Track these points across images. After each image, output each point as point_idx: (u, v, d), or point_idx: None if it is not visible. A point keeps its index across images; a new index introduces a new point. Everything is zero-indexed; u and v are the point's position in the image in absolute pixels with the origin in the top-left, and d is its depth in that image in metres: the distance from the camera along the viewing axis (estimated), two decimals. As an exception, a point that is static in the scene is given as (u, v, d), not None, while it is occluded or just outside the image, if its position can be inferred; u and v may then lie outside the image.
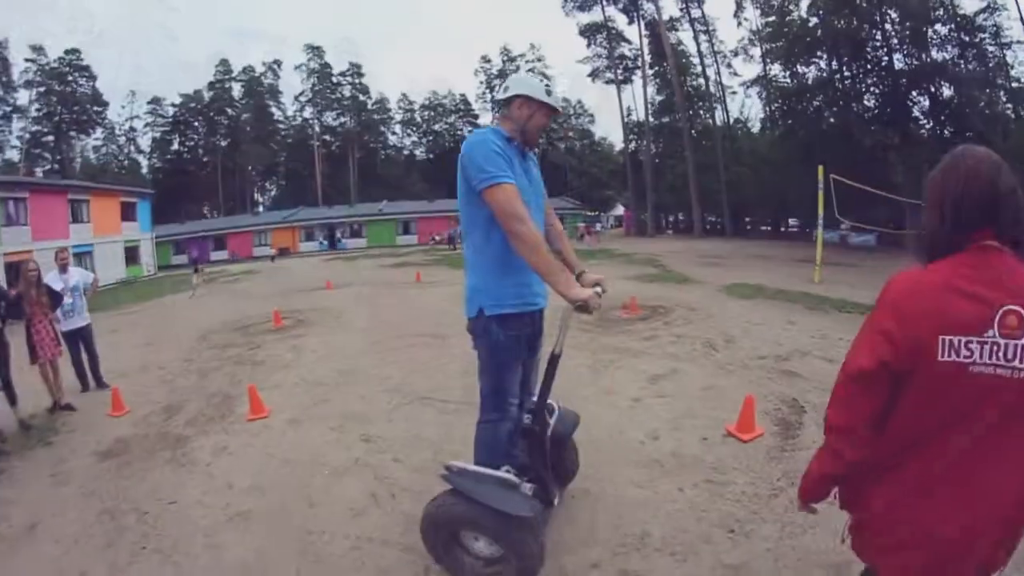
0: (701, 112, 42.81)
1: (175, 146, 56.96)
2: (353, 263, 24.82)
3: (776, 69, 34.82)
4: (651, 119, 42.94)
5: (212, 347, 7.55)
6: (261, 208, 59.35)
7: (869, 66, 29.50)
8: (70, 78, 49.65)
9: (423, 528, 2.36)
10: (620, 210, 57.93)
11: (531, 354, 2.46)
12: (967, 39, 26.16)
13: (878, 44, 28.06)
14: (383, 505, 3.04)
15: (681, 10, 41.36)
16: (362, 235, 43.99)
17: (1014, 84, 28.64)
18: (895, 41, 27.50)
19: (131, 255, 29.84)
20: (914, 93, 27.92)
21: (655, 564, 2.53)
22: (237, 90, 58.32)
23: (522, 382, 2.44)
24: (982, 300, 1.09)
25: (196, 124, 56.88)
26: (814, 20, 28.66)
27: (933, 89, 27.01)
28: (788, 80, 32.83)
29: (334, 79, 59.02)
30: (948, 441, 1.13)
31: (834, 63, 30.39)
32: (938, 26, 25.96)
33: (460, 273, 15.66)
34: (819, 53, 30.16)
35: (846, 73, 30.69)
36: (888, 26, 26.97)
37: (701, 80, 41.96)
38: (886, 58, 28.07)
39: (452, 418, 4.23)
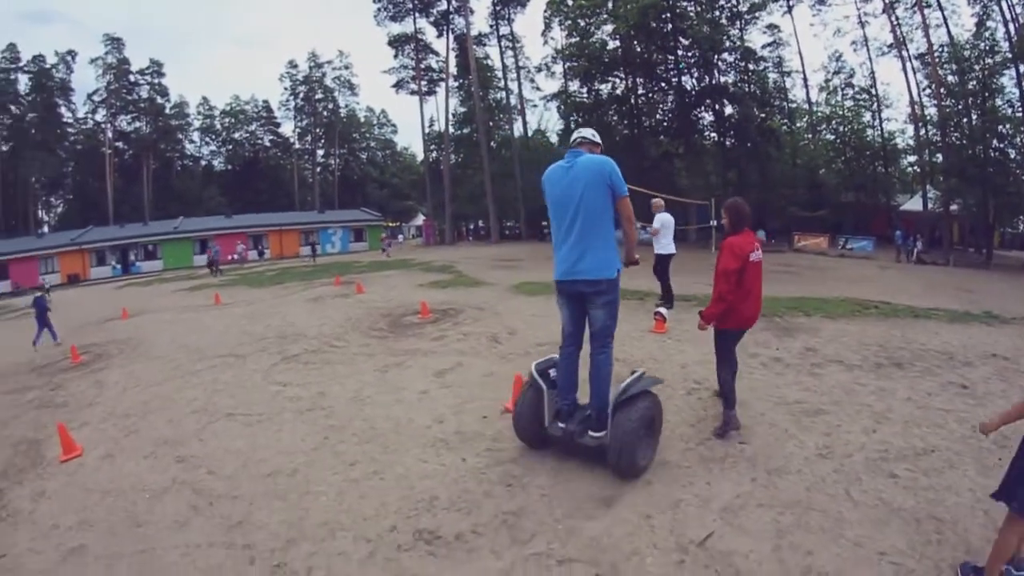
0: (502, 124, 44.54)
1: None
2: (149, 288, 22.43)
3: (575, 85, 36.98)
4: (452, 130, 43.47)
5: (7, 392, 6.92)
6: (46, 228, 49.61)
7: (661, 85, 33.28)
8: None
9: (648, 429, 3.35)
10: (420, 220, 57.04)
11: None
12: (750, 67, 31.04)
13: (670, 67, 31.72)
14: (203, 513, 3.29)
15: (491, 27, 43.46)
16: (157, 256, 38.91)
17: (791, 104, 35.30)
18: (684, 65, 31.33)
19: None
20: (699, 109, 32.02)
21: (444, 519, 2.92)
22: (24, 83, 47.33)
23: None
24: (751, 244, 3.72)
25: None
26: (614, 43, 31.39)
27: (717, 107, 31.25)
28: (586, 96, 35.25)
29: (132, 77, 50.85)
30: (753, 285, 3.75)
31: (629, 82, 33.92)
32: (725, 55, 30.18)
33: (259, 292, 15.45)
34: (616, 72, 33.34)
35: (640, 91, 34.47)
36: (680, 52, 30.61)
37: (503, 93, 43.82)
38: (676, 79, 31.85)
39: (256, 429, 4.45)
